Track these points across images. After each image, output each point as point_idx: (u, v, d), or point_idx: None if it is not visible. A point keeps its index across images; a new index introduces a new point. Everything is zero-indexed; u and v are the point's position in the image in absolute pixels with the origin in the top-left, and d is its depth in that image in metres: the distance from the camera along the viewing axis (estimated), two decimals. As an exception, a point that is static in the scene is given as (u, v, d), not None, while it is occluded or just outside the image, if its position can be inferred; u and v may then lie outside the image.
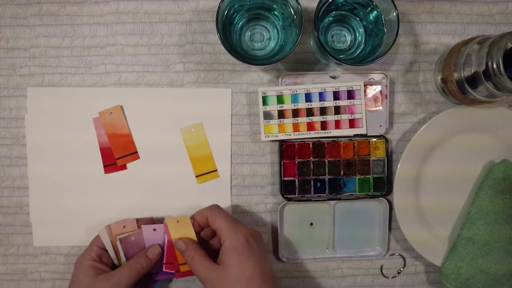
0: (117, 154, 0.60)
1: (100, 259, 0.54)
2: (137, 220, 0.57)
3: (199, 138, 0.60)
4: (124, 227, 0.56)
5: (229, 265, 0.50)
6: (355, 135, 0.61)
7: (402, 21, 0.59)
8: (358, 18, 0.58)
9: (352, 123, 0.60)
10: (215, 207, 0.55)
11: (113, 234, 0.56)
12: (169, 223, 0.55)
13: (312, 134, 0.60)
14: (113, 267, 0.55)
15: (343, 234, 0.62)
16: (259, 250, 0.52)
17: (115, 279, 0.52)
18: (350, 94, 0.60)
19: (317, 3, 0.53)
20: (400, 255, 0.63)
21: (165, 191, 0.60)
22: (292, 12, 0.55)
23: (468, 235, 0.59)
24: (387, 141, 0.61)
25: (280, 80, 0.59)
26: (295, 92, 0.59)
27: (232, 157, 0.61)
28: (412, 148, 0.59)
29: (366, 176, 0.61)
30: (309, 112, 0.60)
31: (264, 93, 0.59)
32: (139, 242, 0.56)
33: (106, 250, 0.55)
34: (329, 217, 0.61)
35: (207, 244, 0.56)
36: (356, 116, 0.60)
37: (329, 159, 0.60)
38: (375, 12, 0.56)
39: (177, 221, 0.55)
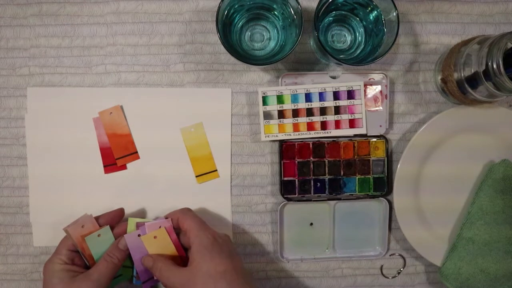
0: (117, 154, 0.60)
1: (72, 262, 0.53)
2: (98, 217, 0.56)
3: (199, 138, 0.60)
4: (82, 226, 0.54)
5: (200, 263, 0.50)
6: (355, 135, 0.61)
7: (402, 21, 0.59)
8: (358, 18, 0.58)
9: (352, 123, 0.60)
10: (186, 209, 0.56)
11: (76, 236, 0.54)
12: (145, 241, 0.54)
13: (312, 134, 0.60)
14: (86, 268, 0.54)
15: (343, 234, 0.62)
16: (228, 249, 0.52)
17: (94, 277, 0.51)
18: (350, 94, 0.60)
19: (317, 3, 0.53)
20: (400, 255, 0.63)
21: (165, 191, 0.60)
22: (292, 12, 0.55)
23: (468, 235, 0.59)
24: (387, 141, 0.61)
25: (280, 80, 0.59)
26: (295, 92, 0.59)
27: (232, 157, 0.61)
28: (412, 148, 0.59)
29: (366, 176, 0.61)
30: (309, 112, 0.60)
31: (264, 93, 0.59)
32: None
33: (78, 252, 0.54)
34: (329, 217, 0.61)
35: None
36: (356, 116, 0.60)
37: (329, 159, 0.60)
38: (375, 12, 0.56)
39: (154, 237, 0.54)
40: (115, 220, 0.57)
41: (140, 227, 0.55)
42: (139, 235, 0.54)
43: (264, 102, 0.60)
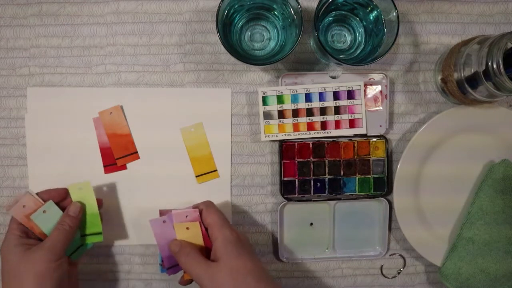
0: (117, 154, 0.60)
1: (27, 235, 0.53)
2: (41, 193, 0.55)
3: (199, 138, 0.60)
4: (24, 206, 0.53)
5: (227, 259, 0.50)
6: (355, 135, 0.61)
7: (402, 21, 0.59)
8: (358, 18, 0.58)
9: (352, 123, 0.60)
10: (210, 203, 0.56)
11: (21, 217, 0.53)
12: (177, 228, 0.54)
13: (312, 134, 0.60)
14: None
15: (343, 234, 0.62)
16: (250, 248, 0.53)
17: (47, 245, 0.51)
18: (350, 94, 0.60)
19: (317, 3, 0.53)
20: (400, 255, 0.63)
21: (165, 191, 0.60)
22: (292, 12, 0.55)
23: (468, 235, 0.59)
24: (387, 141, 0.61)
25: (280, 80, 0.59)
26: (295, 92, 0.59)
27: (232, 157, 0.61)
28: (412, 148, 0.59)
29: (366, 176, 0.61)
30: (309, 112, 0.60)
31: (264, 93, 0.59)
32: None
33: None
34: (329, 217, 0.61)
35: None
36: (356, 116, 0.60)
37: (329, 159, 0.60)
38: (375, 12, 0.56)
39: (187, 228, 0.54)
40: (60, 197, 0.55)
41: (167, 214, 0.55)
42: (164, 222, 0.55)
43: (264, 102, 0.60)
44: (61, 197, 0.55)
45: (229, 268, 0.49)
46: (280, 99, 0.60)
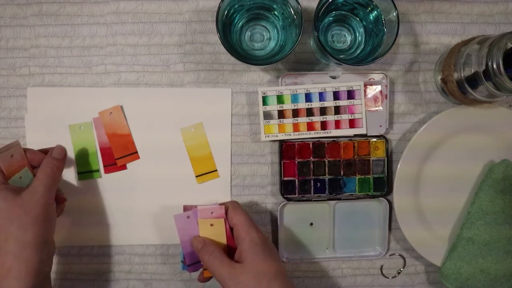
0: (117, 154, 0.60)
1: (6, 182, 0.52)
2: (26, 149, 0.54)
3: (199, 138, 0.60)
4: (12, 156, 0.52)
5: (253, 261, 0.49)
6: (355, 135, 0.61)
7: (402, 21, 0.59)
8: (358, 18, 0.58)
9: (352, 123, 0.60)
10: (236, 203, 0.56)
11: (5, 165, 0.51)
12: (201, 224, 0.54)
13: (312, 134, 0.60)
14: None
15: (343, 234, 0.62)
16: (275, 251, 0.53)
17: (39, 188, 0.50)
18: (350, 94, 0.60)
19: (317, 3, 0.53)
20: (400, 255, 0.63)
21: (165, 191, 0.60)
22: (292, 12, 0.55)
23: (468, 235, 0.59)
24: (387, 141, 0.61)
25: (280, 80, 0.59)
26: (295, 92, 0.59)
27: (232, 157, 0.61)
28: (412, 148, 0.59)
29: (366, 176, 0.61)
30: (309, 112, 0.60)
31: (264, 93, 0.59)
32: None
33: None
34: (329, 217, 0.61)
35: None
36: (356, 116, 0.60)
37: (329, 159, 0.60)
38: (375, 12, 0.56)
39: (211, 225, 0.54)
40: (40, 160, 0.54)
41: (191, 210, 0.55)
42: (188, 217, 0.54)
43: (264, 102, 0.60)
44: (38, 161, 0.54)
45: (255, 271, 0.49)
46: (280, 99, 0.60)
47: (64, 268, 0.61)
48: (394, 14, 0.53)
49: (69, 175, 0.60)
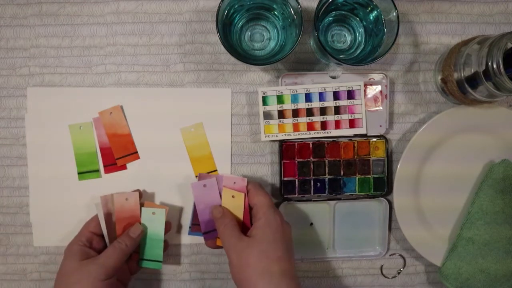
0: (117, 154, 0.60)
1: (90, 245, 0.54)
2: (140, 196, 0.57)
3: (199, 138, 0.60)
4: (126, 199, 0.56)
5: (261, 239, 0.50)
6: (355, 135, 0.61)
7: (402, 21, 0.59)
8: (358, 18, 0.58)
9: (352, 123, 0.60)
10: (258, 184, 0.56)
11: (108, 208, 0.55)
12: (224, 193, 0.55)
13: (312, 134, 0.60)
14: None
15: (343, 234, 0.62)
16: (289, 238, 0.53)
17: (101, 261, 0.51)
18: (350, 94, 0.60)
19: (317, 3, 0.53)
20: (400, 255, 0.63)
21: (165, 191, 0.60)
22: (292, 12, 0.55)
23: (468, 235, 0.59)
24: (387, 141, 0.61)
25: (280, 80, 0.59)
26: (295, 92, 0.59)
27: (232, 157, 0.61)
28: (412, 148, 0.59)
29: (366, 176, 0.61)
30: (309, 112, 0.60)
31: (264, 93, 0.59)
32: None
33: (97, 235, 0.55)
34: (329, 217, 0.61)
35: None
36: (356, 116, 0.60)
37: (329, 159, 0.60)
38: (375, 12, 0.56)
39: (232, 196, 0.55)
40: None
41: (209, 178, 0.56)
42: (204, 185, 0.55)
43: (264, 102, 0.60)
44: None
45: (259, 249, 0.49)
46: (280, 99, 0.60)
47: (64, 268, 0.61)
48: (394, 14, 0.53)
49: (69, 175, 0.60)
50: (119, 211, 0.56)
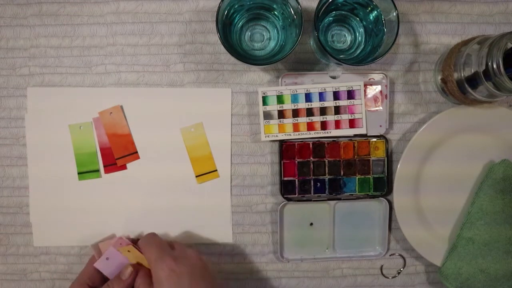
0: (117, 154, 0.60)
1: (93, 284, 0.54)
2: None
3: (199, 138, 0.60)
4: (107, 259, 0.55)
5: None
6: (355, 135, 0.61)
7: (402, 21, 0.59)
8: (358, 18, 0.58)
9: (352, 123, 0.60)
10: (150, 236, 0.55)
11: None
12: (123, 252, 0.54)
13: (312, 134, 0.60)
14: None
15: (343, 234, 0.62)
16: (189, 280, 0.49)
17: None
18: (350, 94, 0.60)
19: (317, 3, 0.53)
20: (400, 255, 0.63)
21: (165, 191, 0.60)
22: (292, 12, 0.55)
23: (468, 235, 0.59)
24: (387, 141, 0.61)
25: (280, 80, 0.59)
26: (295, 92, 0.59)
27: (232, 157, 0.61)
28: (412, 148, 0.59)
29: (366, 176, 0.61)
30: (309, 112, 0.60)
31: (264, 93, 0.59)
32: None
33: (100, 273, 0.54)
34: (329, 217, 0.61)
35: None
36: (356, 116, 0.60)
37: (329, 159, 0.60)
38: (375, 12, 0.56)
39: (128, 251, 0.54)
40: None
41: (107, 251, 0.54)
42: (107, 258, 0.54)
43: (264, 102, 0.60)
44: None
45: None
46: (280, 99, 0.60)
47: (64, 268, 0.61)
48: (394, 14, 0.53)
49: (69, 175, 0.60)
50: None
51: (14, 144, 0.60)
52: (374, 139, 0.61)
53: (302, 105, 0.60)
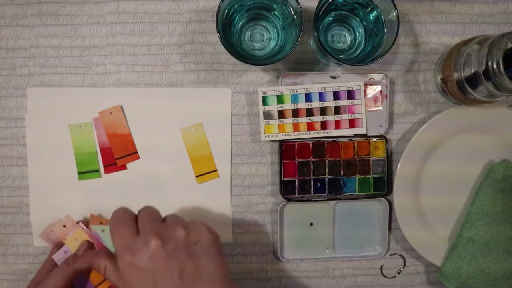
0: (117, 154, 0.60)
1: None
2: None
3: (199, 138, 0.60)
4: (64, 226, 0.56)
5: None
6: (355, 135, 0.61)
7: (402, 21, 0.59)
8: (358, 18, 0.58)
9: (352, 123, 0.60)
10: (118, 212, 0.51)
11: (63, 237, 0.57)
12: (70, 244, 0.55)
13: (312, 134, 0.60)
14: None
15: (343, 234, 0.62)
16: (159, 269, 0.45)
17: (42, 285, 0.51)
18: (350, 94, 0.60)
19: (317, 3, 0.53)
20: (400, 255, 0.63)
21: (165, 191, 0.60)
22: (292, 12, 0.55)
23: (468, 235, 0.59)
24: (387, 141, 0.61)
25: (280, 80, 0.59)
26: (295, 92, 0.59)
27: (232, 157, 0.61)
28: (412, 148, 0.59)
29: (366, 176, 0.61)
30: (309, 112, 0.60)
31: (264, 93, 0.59)
32: None
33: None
34: (329, 217, 0.61)
35: None
36: (356, 116, 0.60)
37: (329, 159, 0.60)
38: (375, 12, 0.56)
39: (75, 239, 0.55)
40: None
41: (58, 246, 0.56)
42: (65, 252, 0.55)
43: (264, 102, 0.60)
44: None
45: None
46: (280, 99, 0.60)
47: (64, 268, 0.61)
48: (394, 14, 0.53)
49: (69, 175, 0.60)
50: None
51: (14, 144, 0.60)
52: (374, 139, 0.61)
53: (302, 105, 0.60)
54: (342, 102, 0.60)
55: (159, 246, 0.45)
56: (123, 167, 0.60)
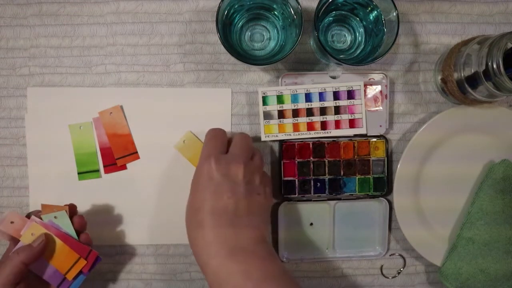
0: (117, 154, 0.60)
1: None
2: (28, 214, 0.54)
3: (199, 138, 0.60)
4: (12, 222, 0.52)
5: (191, 191, 0.53)
6: (355, 135, 0.61)
7: (402, 21, 0.59)
8: (358, 18, 0.58)
9: (352, 123, 0.60)
10: (214, 131, 0.56)
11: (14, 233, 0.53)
12: (24, 240, 0.52)
13: (312, 134, 0.60)
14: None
15: (343, 234, 0.62)
16: (226, 185, 0.50)
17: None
18: (350, 94, 0.60)
19: (317, 3, 0.53)
20: (400, 255, 0.63)
21: (165, 191, 0.60)
22: (292, 12, 0.55)
23: (468, 235, 0.59)
24: (387, 141, 0.61)
25: (280, 80, 0.59)
26: (295, 92, 0.59)
27: (232, 157, 0.61)
28: (412, 148, 0.59)
29: (366, 176, 0.61)
30: (309, 112, 0.60)
31: (264, 93, 0.59)
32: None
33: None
34: (329, 217, 0.61)
35: None
36: (356, 116, 0.60)
37: (329, 159, 0.60)
38: (375, 12, 0.56)
39: (31, 234, 0.52)
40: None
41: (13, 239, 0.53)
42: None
43: (264, 102, 0.60)
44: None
45: (189, 201, 0.53)
46: (280, 99, 0.60)
47: (64, 268, 0.61)
48: (394, 14, 0.53)
49: (69, 175, 0.60)
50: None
51: (14, 144, 0.60)
52: (374, 139, 0.61)
53: (302, 105, 0.60)
54: (342, 102, 0.60)
55: (237, 173, 0.51)
56: (123, 167, 0.60)
